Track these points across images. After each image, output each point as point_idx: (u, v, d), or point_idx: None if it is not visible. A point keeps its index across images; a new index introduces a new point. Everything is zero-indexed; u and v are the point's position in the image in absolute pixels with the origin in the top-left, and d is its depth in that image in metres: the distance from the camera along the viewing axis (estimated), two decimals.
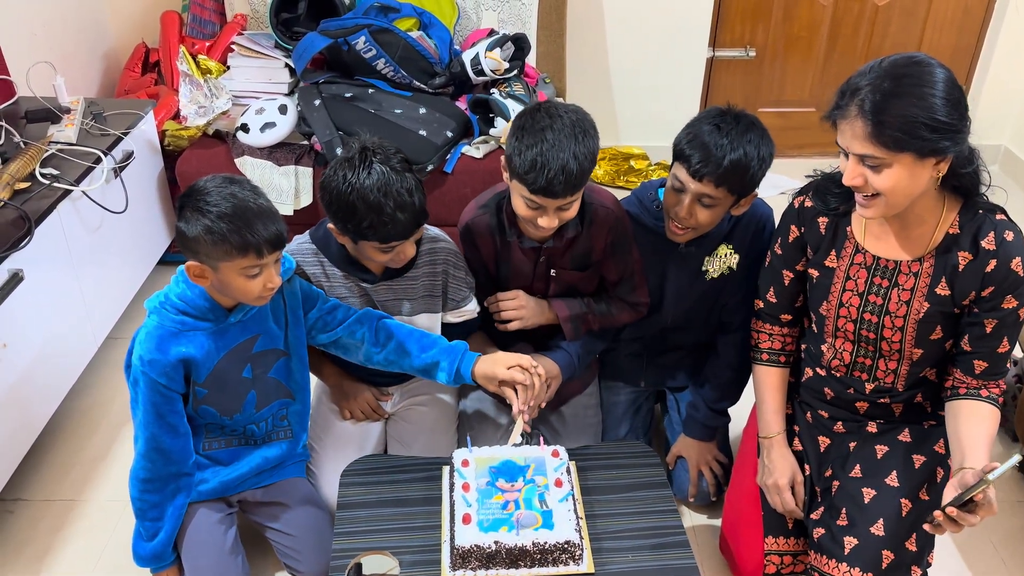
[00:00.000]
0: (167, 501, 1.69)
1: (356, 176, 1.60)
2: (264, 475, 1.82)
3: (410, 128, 2.63)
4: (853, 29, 3.52)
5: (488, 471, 1.59)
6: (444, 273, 1.86)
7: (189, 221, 1.49)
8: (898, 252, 1.57)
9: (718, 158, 1.65)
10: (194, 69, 2.80)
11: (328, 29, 2.71)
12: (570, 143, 1.59)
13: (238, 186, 1.52)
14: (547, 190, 1.61)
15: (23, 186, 2.11)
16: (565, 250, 1.84)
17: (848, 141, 1.41)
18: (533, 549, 1.45)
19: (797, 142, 3.77)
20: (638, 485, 1.68)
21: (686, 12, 3.37)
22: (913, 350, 1.61)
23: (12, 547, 1.99)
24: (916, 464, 1.67)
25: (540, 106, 1.65)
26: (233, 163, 2.69)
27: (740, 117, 1.70)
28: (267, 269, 1.54)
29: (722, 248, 1.90)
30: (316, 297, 1.76)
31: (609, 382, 2.16)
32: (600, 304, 1.94)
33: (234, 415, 1.73)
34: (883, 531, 1.59)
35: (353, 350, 1.80)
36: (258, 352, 1.70)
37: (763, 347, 1.82)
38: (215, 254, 1.49)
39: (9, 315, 1.92)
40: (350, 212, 1.61)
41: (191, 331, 1.60)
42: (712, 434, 2.05)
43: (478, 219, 1.86)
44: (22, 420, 2.04)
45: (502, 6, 3.05)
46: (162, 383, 1.59)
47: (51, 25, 2.82)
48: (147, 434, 1.63)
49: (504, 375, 1.69)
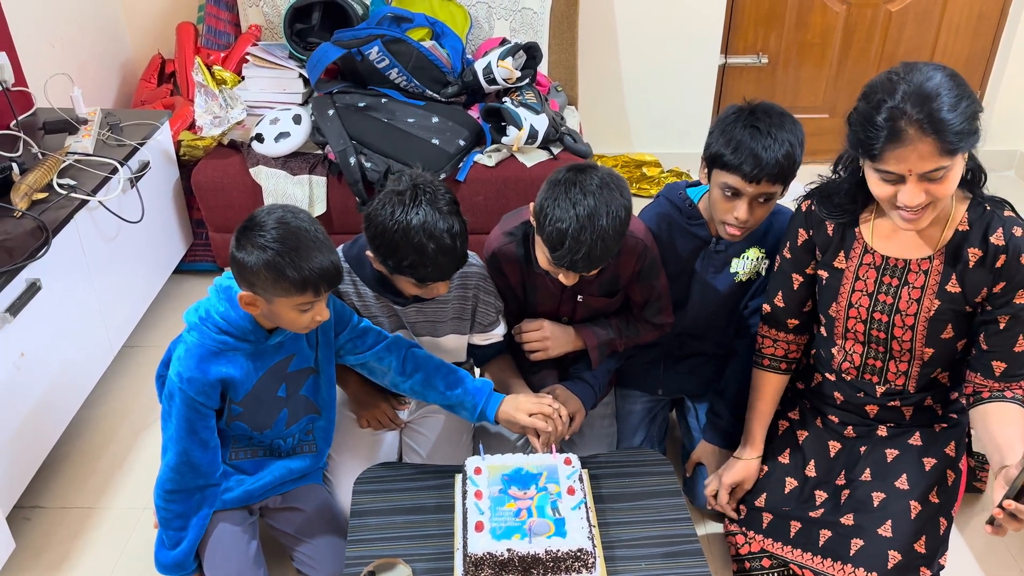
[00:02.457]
0: (192, 511, 1.69)
1: (404, 214, 1.58)
2: (286, 484, 1.82)
3: (423, 137, 2.64)
4: (866, 35, 3.52)
5: (500, 479, 1.59)
6: (475, 298, 1.86)
7: (249, 252, 1.48)
8: (908, 251, 1.58)
9: (770, 159, 1.67)
10: (209, 80, 2.83)
11: (342, 39, 2.74)
12: (600, 221, 1.57)
13: (295, 218, 1.51)
14: (572, 267, 1.63)
15: (41, 196, 2.13)
16: (593, 279, 1.83)
17: (913, 164, 1.38)
18: (546, 557, 1.45)
19: (811, 148, 3.67)
20: (651, 493, 1.68)
21: (698, 19, 3.37)
22: (924, 349, 1.61)
23: (30, 554, 2.00)
24: (927, 467, 1.66)
25: (576, 175, 1.61)
26: (248, 173, 2.71)
27: (769, 111, 1.72)
28: (320, 303, 1.55)
29: (754, 251, 1.91)
30: (348, 318, 1.76)
31: (625, 391, 2.15)
32: (627, 328, 1.95)
33: (264, 431, 1.73)
34: (891, 532, 1.59)
35: (380, 375, 1.80)
36: (293, 372, 1.70)
37: (766, 352, 1.84)
38: (273, 289, 1.49)
39: (27, 324, 1.94)
40: (392, 249, 1.60)
41: (232, 351, 1.60)
42: (734, 441, 2.04)
43: (504, 247, 1.85)
44: (39, 428, 2.05)
45: (514, 15, 3.06)
46: (200, 401, 1.59)
47: (69, 37, 2.85)
48: (178, 448, 1.63)
49: (526, 422, 1.70)
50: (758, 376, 1.86)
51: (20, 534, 2.02)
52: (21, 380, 1.94)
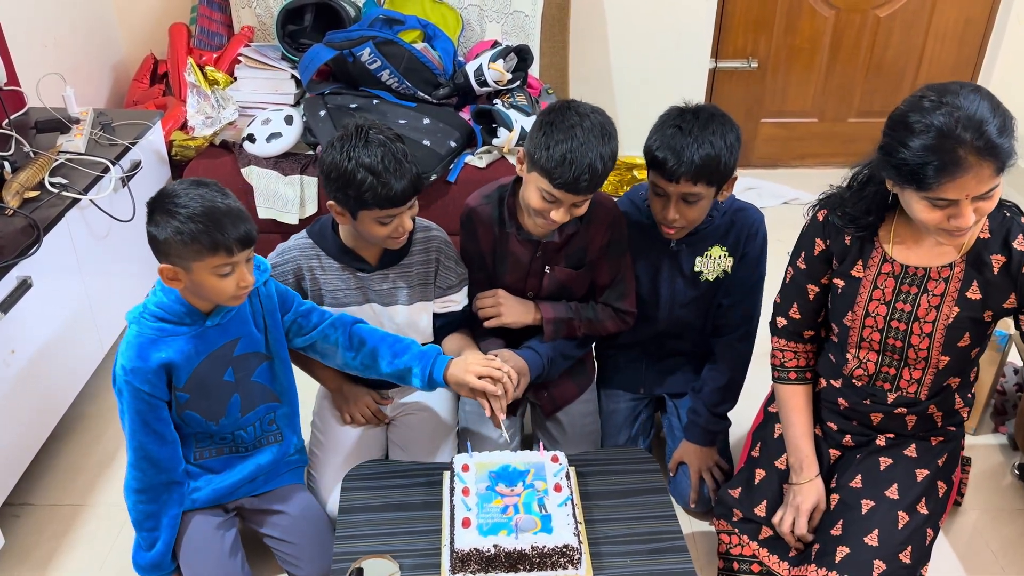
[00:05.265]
0: (162, 511, 1.70)
1: (352, 146, 1.67)
2: (259, 481, 1.83)
3: (414, 138, 2.66)
4: (855, 40, 3.55)
5: (488, 476, 1.60)
6: (436, 261, 1.90)
7: (159, 224, 1.51)
8: (928, 260, 1.56)
9: (688, 157, 1.72)
10: (201, 80, 2.84)
11: (334, 41, 2.75)
12: (597, 143, 1.67)
13: (206, 188, 1.54)
14: (572, 186, 1.67)
15: (32, 195, 2.14)
16: (562, 247, 1.88)
17: (972, 188, 1.35)
18: (532, 553, 1.46)
19: (799, 152, 3.79)
20: (637, 491, 1.69)
21: (688, 23, 3.39)
22: (940, 357, 1.59)
23: (18, 551, 2.01)
24: (918, 477, 1.66)
25: (569, 104, 1.72)
26: (239, 172, 2.72)
27: (699, 112, 1.76)
28: (239, 268, 1.55)
29: (716, 250, 1.94)
30: (292, 300, 1.79)
31: (609, 390, 2.17)
32: (587, 310, 1.97)
33: (220, 419, 1.73)
34: (877, 541, 1.58)
35: (330, 355, 1.81)
36: (240, 355, 1.71)
37: (789, 365, 1.78)
38: (186, 255, 1.51)
39: (17, 321, 1.94)
40: (350, 179, 1.66)
41: (170, 336, 1.61)
42: (713, 439, 2.06)
43: (481, 207, 1.91)
44: (29, 425, 2.06)
45: (506, 18, 3.08)
46: (145, 391, 1.61)
47: (61, 37, 2.86)
48: (135, 443, 1.65)
49: (475, 384, 1.71)
50: (787, 392, 1.78)
51: (9, 531, 2.03)
52: (11, 377, 1.94)
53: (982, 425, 2.36)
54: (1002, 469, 2.25)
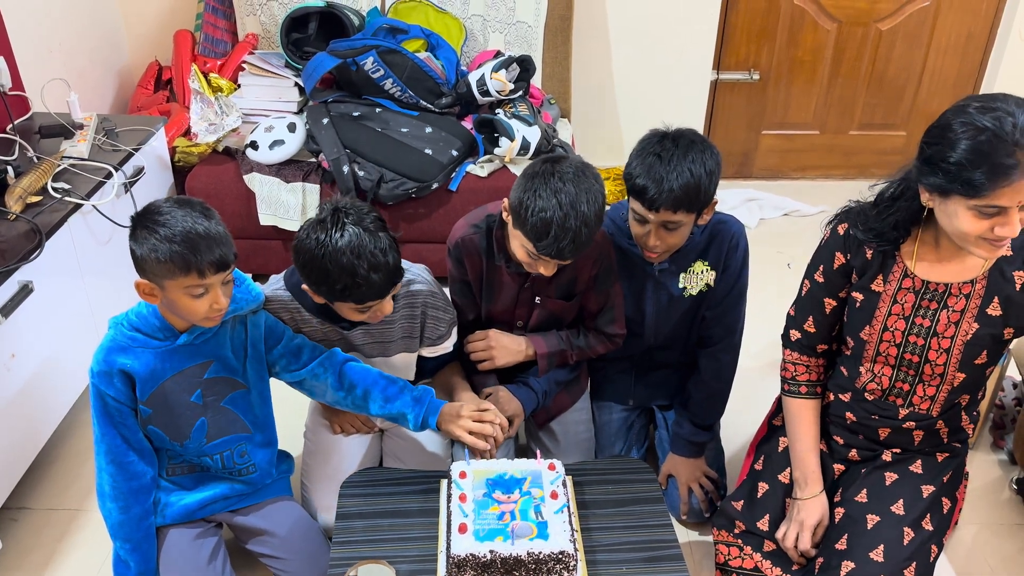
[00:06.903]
0: (134, 520, 1.69)
1: (328, 238, 1.57)
2: (236, 499, 1.81)
3: (416, 147, 2.67)
4: (856, 53, 3.56)
5: (485, 483, 1.60)
6: (423, 315, 1.85)
7: (139, 240, 1.51)
8: (951, 276, 1.55)
9: (668, 187, 1.69)
10: (205, 87, 2.85)
11: (337, 49, 2.77)
12: (581, 208, 1.62)
13: (189, 208, 1.52)
14: (557, 254, 1.66)
15: (35, 200, 2.15)
16: (551, 279, 1.85)
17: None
18: (528, 559, 1.46)
19: (800, 164, 3.80)
20: (633, 500, 1.69)
21: (691, 35, 3.41)
22: (956, 374, 1.59)
23: (16, 555, 2.01)
24: (924, 494, 1.65)
25: (553, 167, 1.65)
26: (242, 180, 2.73)
27: (678, 139, 1.73)
28: (213, 289, 1.54)
29: (699, 265, 1.93)
30: (282, 333, 1.76)
31: (601, 402, 2.18)
32: (578, 338, 1.97)
33: (184, 441, 1.71)
34: (883, 557, 1.58)
35: (319, 392, 1.79)
36: (210, 378, 1.69)
37: (801, 379, 1.77)
38: (160, 272, 1.51)
39: (18, 326, 1.95)
40: (323, 275, 1.59)
41: (140, 347, 1.62)
42: (699, 451, 2.06)
43: (469, 237, 1.87)
44: (28, 430, 2.07)
45: (508, 28, 3.09)
46: (110, 394, 1.62)
47: (66, 43, 2.88)
48: (103, 447, 1.66)
49: (466, 440, 1.70)
50: (796, 406, 1.77)
51: (7, 535, 2.03)
52: (11, 381, 1.95)
53: (980, 439, 2.36)
54: (1000, 483, 2.25)
